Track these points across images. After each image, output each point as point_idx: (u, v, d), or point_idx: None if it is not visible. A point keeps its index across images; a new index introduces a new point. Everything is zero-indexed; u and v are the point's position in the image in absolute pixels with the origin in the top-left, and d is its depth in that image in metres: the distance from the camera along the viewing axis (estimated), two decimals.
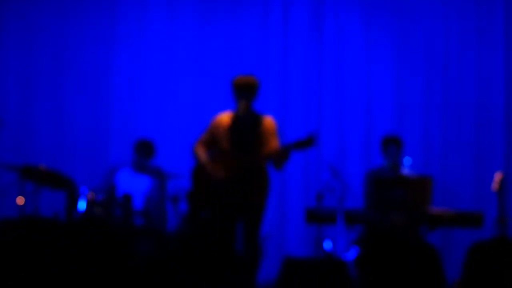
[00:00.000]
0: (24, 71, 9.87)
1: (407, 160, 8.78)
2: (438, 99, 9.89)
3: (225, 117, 7.27)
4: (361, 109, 9.91)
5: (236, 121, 7.10)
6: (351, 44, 9.98)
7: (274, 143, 7.07)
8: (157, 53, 10.03)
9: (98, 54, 9.99)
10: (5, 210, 8.84)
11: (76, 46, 9.95)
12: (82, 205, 8.16)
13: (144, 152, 9.07)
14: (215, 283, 2.95)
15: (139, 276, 3.08)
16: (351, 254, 8.54)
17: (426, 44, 9.95)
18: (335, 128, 9.91)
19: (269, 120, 7.20)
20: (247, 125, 7.13)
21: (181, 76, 9.99)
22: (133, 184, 8.95)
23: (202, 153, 7.27)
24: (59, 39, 9.94)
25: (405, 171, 8.66)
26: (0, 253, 3.00)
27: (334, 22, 10.01)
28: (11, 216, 8.25)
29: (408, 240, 3.20)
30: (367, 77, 9.94)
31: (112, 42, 10.01)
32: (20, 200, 8.07)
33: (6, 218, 8.16)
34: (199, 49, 10.02)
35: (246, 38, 10.00)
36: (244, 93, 7.13)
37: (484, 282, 3.14)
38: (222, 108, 7.44)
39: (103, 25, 10.02)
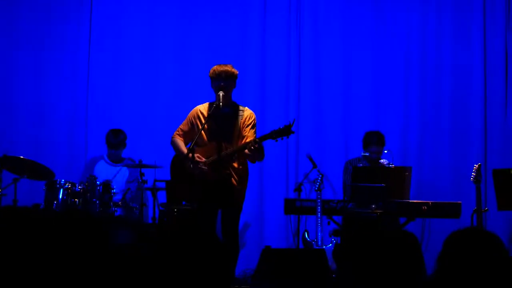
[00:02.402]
0: (5, 63, 9.81)
1: (385, 152, 8.83)
2: (415, 91, 9.91)
3: (203, 108, 7.24)
4: (339, 101, 9.92)
5: (214, 112, 6.99)
6: (329, 36, 9.97)
7: (252, 135, 7.06)
8: (136, 45, 9.98)
9: (78, 47, 9.94)
10: None
11: (56, 39, 9.89)
12: (61, 195, 8.16)
13: (114, 142, 9.07)
14: (195, 272, 2.97)
15: (118, 267, 3.08)
16: (330, 244, 8.59)
17: (404, 36, 9.96)
18: (314, 119, 9.91)
19: (248, 112, 7.18)
20: (226, 116, 7.08)
21: (159, 68, 9.93)
22: (111, 176, 8.96)
23: (180, 144, 7.25)
24: (39, 31, 9.87)
25: (384, 162, 8.70)
26: None
27: (312, 15, 10.00)
28: None
29: (386, 230, 3.23)
30: (345, 69, 9.95)
31: (91, 36, 9.94)
32: (0, 191, 8.06)
33: None
34: (178, 42, 9.97)
35: (225, 31, 9.97)
36: (222, 82, 7.02)
37: (459, 272, 3.17)
38: (201, 100, 7.42)
39: (82, 18, 9.96)
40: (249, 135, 7.05)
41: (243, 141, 7.00)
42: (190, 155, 6.87)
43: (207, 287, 3.00)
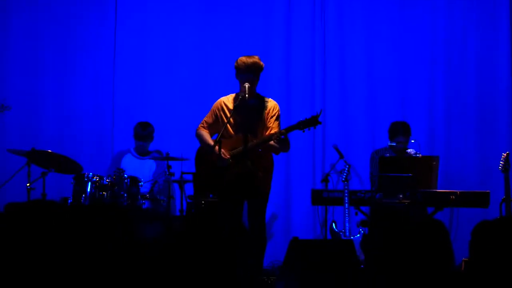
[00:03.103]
0: (31, 58, 9.86)
1: (412, 142, 8.79)
2: (441, 80, 9.87)
3: (227, 99, 7.23)
4: (365, 91, 9.89)
5: (238, 103, 6.99)
6: (354, 26, 9.94)
7: (277, 127, 7.04)
8: (160, 38, 9.99)
9: (103, 41, 9.97)
10: (13, 195, 8.87)
11: (81, 33, 9.92)
12: (89, 189, 8.20)
13: (142, 134, 9.10)
14: (223, 265, 2.97)
15: (146, 260, 3.10)
16: (358, 235, 8.57)
17: (429, 27, 9.91)
18: (340, 110, 9.89)
19: (272, 103, 7.15)
20: (251, 108, 7.05)
21: (185, 61, 9.94)
22: (138, 169, 8.99)
23: (206, 136, 7.24)
24: (64, 27, 9.91)
25: (411, 151, 8.66)
26: (9, 237, 3.02)
27: (337, 4, 9.97)
28: (20, 201, 8.31)
29: (414, 220, 3.20)
30: (370, 58, 9.91)
31: (116, 29, 9.97)
32: (29, 185, 8.10)
33: (15, 203, 8.24)
34: (203, 35, 9.97)
35: (249, 23, 9.95)
36: (248, 74, 6.99)
37: (489, 261, 3.15)
38: (226, 92, 7.40)
39: (108, 12, 9.98)
40: (273, 126, 7.03)
41: (268, 132, 6.99)
42: (217, 148, 6.86)
43: (234, 279, 3.00)
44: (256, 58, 7.07)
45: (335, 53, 9.94)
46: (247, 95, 6.90)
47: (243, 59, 7.06)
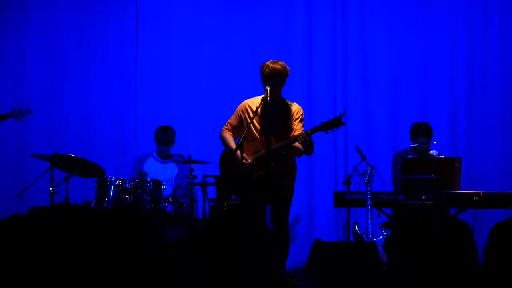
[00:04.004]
0: (53, 63, 9.91)
1: (434, 143, 8.76)
2: (462, 81, 9.83)
3: (251, 102, 7.24)
4: (387, 93, 9.88)
5: (265, 107, 7.00)
6: (375, 29, 9.93)
7: (300, 129, 7.04)
8: (182, 42, 10.01)
9: (123, 44, 10.02)
10: (37, 198, 8.93)
11: (102, 37, 9.97)
12: (112, 192, 8.23)
13: (164, 139, 9.12)
14: (247, 265, 2.97)
15: (169, 263, 3.10)
16: (381, 237, 8.55)
17: (450, 28, 9.88)
18: (362, 112, 9.88)
19: (297, 107, 7.16)
20: (276, 112, 7.07)
21: (206, 64, 9.97)
22: (160, 173, 9.01)
23: (229, 139, 7.25)
24: (85, 31, 9.95)
25: (433, 153, 8.64)
26: (32, 241, 3.03)
27: (358, 7, 9.95)
28: (43, 205, 8.36)
29: (438, 221, 3.20)
30: (392, 61, 9.90)
31: (137, 34, 10.01)
32: (52, 189, 8.15)
33: (38, 206, 8.30)
34: (224, 38, 9.99)
35: (270, 25, 9.95)
36: (274, 79, 7.00)
37: (505, 262, 3.14)
38: (248, 95, 7.41)
39: (129, 16, 10.02)
40: (297, 128, 7.04)
41: (292, 134, 7.00)
42: (239, 151, 6.88)
43: (259, 279, 3.00)
44: (279, 64, 7.05)
45: (357, 54, 9.93)
46: (269, 98, 6.91)
47: (267, 64, 7.05)
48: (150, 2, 10.05)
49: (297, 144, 6.89)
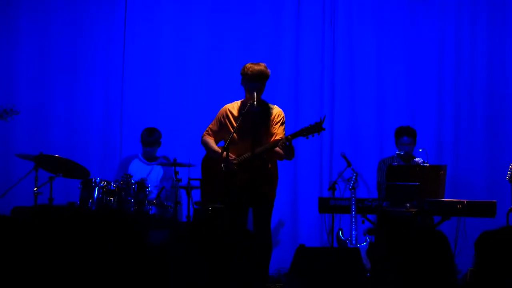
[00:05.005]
0: (39, 64, 9.87)
1: (420, 150, 8.79)
2: (449, 90, 9.86)
3: (232, 106, 7.23)
4: (373, 100, 9.88)
5: (246, 110, 6.97)
6: (363, 34, 9.94)
7: (282, 133, 7.04)
8: (169, 44, 10.00)
9: (111, 45, 9.99)
10: (21, 199, 8.90)
11: (90, 39, 9.94)
12: (96, 194, 8.21)
13: (149, 140, 9.11)
14: (229, 270, 2.97)
15: (153, 266, 3.10)
16: (364, 243, 8.56)
17: (437, 35, 9.90)
18: (348, 118, 9.88)
19: (277, 109, 7.14)
20: (257, 115, 7.05)
21: (193, 67, 9.95)
22: (146, 174, 8.99)
23: (211, 144, 7.24)
24: (73, 31, 9.92)
25: (418, 160, 8.66)
26: (15, 240, 3.03)
27: (346, 12, 9.97)
28: (27, 205, 8.34)
29: (420, 229, 3.21)
30: (379, 68, 9.91)
31: (125, 35, 9.98)
32: (36, 189, 8.12)
33: (21, 206, 8.28)
34: (211, 40, 9.97)
35: (258, 28, 9.95)
36: (258, 80, 6.99)
37: (493, 270, 3.15)
38: (235, 98, 7.40)
39: (117, 17, 9.99)
40: (278, 132, 7.03)
41: (273, 138, 6.98)
42: (225, 154, 6.86)
43: (242, 284, 3.00)
44: (262, 66, 7.05)
45: (344, 60, 9.94)
46: (255, 103, 6.90)
47: (249, 66, 7.05)
48: (139, 4, 10.03)
49: (277, 148, 6.88)
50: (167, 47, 9.99)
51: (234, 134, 6.97)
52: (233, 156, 6.96)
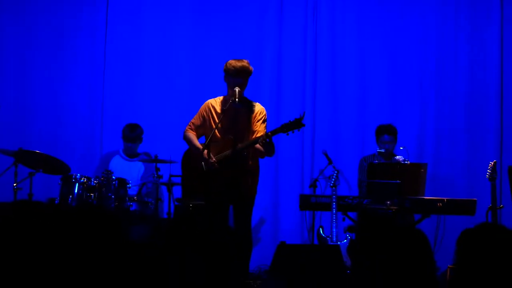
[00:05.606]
0: (20, 58, 9.83)
1: (401, 149, 8.82)
2: (431, 88, 9.88)
3: (215, 102, 7.23)
4: (355, 97, 9.89)
5: (228, 106, 6.98)
6: (346, 32, 9.94)
7: (263, 130, 7.04)
8: (152, 41, 9.97)
9: (93, 41, 9.95)
10: (0, 195, 8.85)
11: (72, 33, 9.90)
12: (76, 190, 8.17)
13: (131, 136, 9.09)
14: (210, 268, 2.97)
15: (134, 262, 3.09)
16: (345, 240, 8.58)
17: (420, 33, 9.92)
18: (330, 116, 9.89)
19: (259, 107, 7.15)
20: (238, 112, 7.05)
21: (175, 64, 9.93)
22: (127, 171, 8.97)
23: (193, 139, 7.24)
24: (55, 27, 9.88)
25: (399, 158, 8.68)
26: None
27: (329, 10, 9.96)
28: (6, 201, 8.29)
29: (400, 227, 3.23)
30: (361, 65, 9.92)
31: (107, 31, 9.95)
32: (15, 185, 8.09)
33: (1, 202, 8.22)
34: (194, 38, 9.95)
35: (241, 26, 9.93)
36: (237, 79, 7.01)
37: (474, 267, 3.16)
38: (216, 95, 7.40)
39: (99, 13, 9.96)
40: (260, 129, 7.04)
41: (254, 135, 6.99)
42: (206, 151, 6.87)
43: (220, 282, 3.00)
44: (245, 62, 7.07)
45: (326, 58, 9.94)
46: (237, 100, 6.90)
47: (232, 62, 7.07)
48: (120, 1, 10.00)
49: (258, 145, 6.89)
50: (149, 43, 9.96)
51: (216, 131, 6.98)
52: (213, 159, 6.95)
